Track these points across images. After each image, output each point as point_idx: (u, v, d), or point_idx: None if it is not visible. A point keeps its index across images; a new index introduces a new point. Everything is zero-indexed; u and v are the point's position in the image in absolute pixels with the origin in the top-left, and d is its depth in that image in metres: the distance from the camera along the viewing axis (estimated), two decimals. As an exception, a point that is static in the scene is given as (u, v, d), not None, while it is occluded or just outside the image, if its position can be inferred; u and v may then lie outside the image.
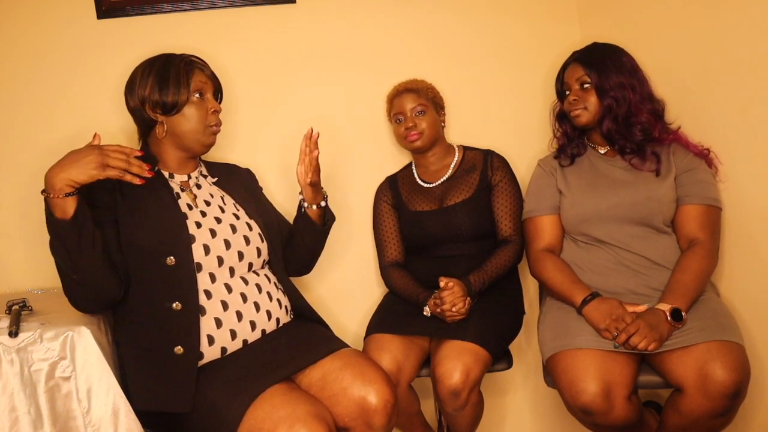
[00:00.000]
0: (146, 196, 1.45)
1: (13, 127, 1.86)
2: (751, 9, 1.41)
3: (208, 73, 1.56)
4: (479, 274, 1.72)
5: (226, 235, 1.49)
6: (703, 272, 1.50)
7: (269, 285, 1.57)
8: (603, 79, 1.61)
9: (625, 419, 1.41)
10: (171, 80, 1.48)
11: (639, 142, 1.61)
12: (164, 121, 1.50)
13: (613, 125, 1.62)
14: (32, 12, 1.86)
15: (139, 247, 1.40)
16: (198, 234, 1.45)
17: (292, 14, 1.98)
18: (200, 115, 1.51)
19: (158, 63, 1.51)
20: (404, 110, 1.84)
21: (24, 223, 1.86)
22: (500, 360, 1.69)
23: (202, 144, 1.54)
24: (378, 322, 1.76)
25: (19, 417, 1.21)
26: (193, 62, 1.54)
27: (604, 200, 1.62)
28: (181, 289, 1.40)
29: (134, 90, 1.50)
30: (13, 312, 1.32)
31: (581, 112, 1.65)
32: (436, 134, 1.86)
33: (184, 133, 1.51)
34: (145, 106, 1.49)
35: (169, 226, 1.43)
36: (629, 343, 1.41)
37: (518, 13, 2.06)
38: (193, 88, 1.50)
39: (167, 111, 1.49)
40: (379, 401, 1.37)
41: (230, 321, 1.44)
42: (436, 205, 1.85)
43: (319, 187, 1.65)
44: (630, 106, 1.60)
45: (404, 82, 1.90)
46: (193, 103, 1.50)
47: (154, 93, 1.48)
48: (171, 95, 1.48)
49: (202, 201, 1.54)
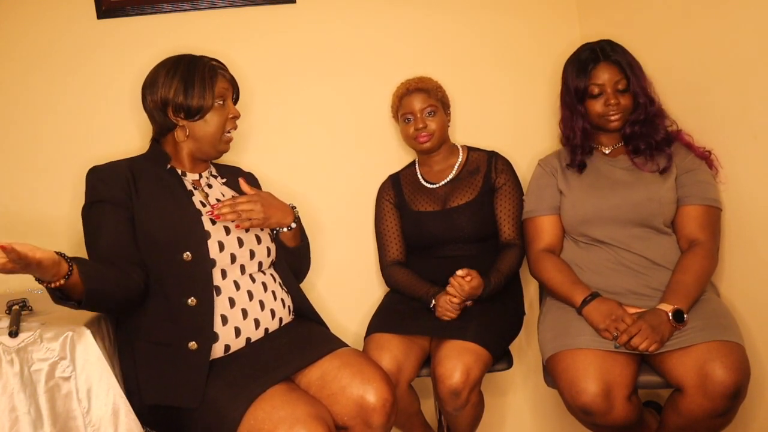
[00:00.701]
0: (160, 192, 1.46)
1: (13, 127, 1.86)
2: (751, 9, 1.41)
3: (228, 78, 1.56)
4: (496, 274, 1.72)
5: (239, 232, 1.50)
6: (703, 272, 1.50)
7: (274, 284, 1.57)
8: (636, 82, 1.60)
9: (625, 419, 1.41)
10: (196, 85, 1.47)
11: (660, 141, 1.60)
12: (186, 125, 1.50)
13: (638, 128, 1.61)
14: (32, 12, 1.86)
15: (156, 242, 1.41)
16: (213, 230, 1.45)
17: (292, 14, 1.98)
18: (220, 122, 1.51)
19: (182, 65, 1.50)
20: (414, 110, 1.81)
21: (24, 223, 1.86)
22: (500, 360, 1.69)
23: (217, 150, 1.55)
24: (378, 321, 1.76)
25: (19, 417, 1.21)
26: (215, 67, 1.53)
27: (605, 201, 1.62)
28: (196, 284, 1.40)
29: (156, 90, 1.48)
30: (13, 312, 1.32)
31: (619, 117, 1.62)
32: (444, 135, 1.86)
33: (202, 138, 1.51)
34: (168, 108, 1.48)
35: (185, 222, 1.43)
36: (630, 344, 1.41)
37: (518, 13, 2.06)
38: (217, 93, 1.50)
39: (191, 115, 1.48)
40: (377, 400, 1.37)
41: (236, 318, 1.44)
42: (438, 206, 1.85)
43: (280, 216, 1.57)
44: (654, 106, 1.61)
45: (413, 80, 1.87)
46: (216, 109, 1.50)
47: (178, 96, 1.47)
48: (196, 100, 1.47)
49: (215, 199, 1.55)
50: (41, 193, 1.87)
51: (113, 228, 1.40)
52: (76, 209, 1.83)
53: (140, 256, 1.41)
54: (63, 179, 1.86)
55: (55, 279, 1.17)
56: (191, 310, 1.39)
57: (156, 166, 1.51)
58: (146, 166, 1.50)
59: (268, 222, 1.51)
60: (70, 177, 1.85)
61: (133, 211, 1.42)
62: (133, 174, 1.45)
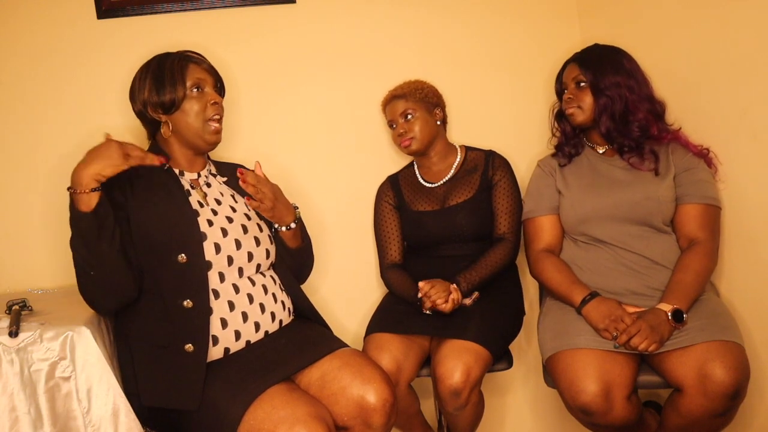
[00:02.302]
0: (157, 191, 1.46)
1: (13, 127, 1.86)
2: (751, 9, 1.41)
3: (205, 67, 1.56)
4: (468, 274, 1.72)
5: (237, 234, 1.49)
6: (703, 272, 1.50)
7: (274, 286, 1.57)
8: (598, 78, 1.62)
9: (624, 419, 1.41)
10: (166, 79, 1.49)
11: (637, 139, 1.62)
12: (168, 120, 1.51)
13: (611, 124, 1.63)
14: (32, 12, 1.86)
15: (151, 243, 1.41)
16: (209, 232, 1.45)
17: (292, 14, 1.98)
18: (199, 109, 1.51)
19: (153, 64, 1.52)
20: (394, 117, 1.86)
21: (24, 223, 1.86)
22: (500, 360, 1.69)
23: (203, 140, 1.53)
24: (378, 321, 1.76)
25: (19, 417, 1.21)
26: (187, 57, 1.54)
27: (604, 200, 1.62)
28: (192, 286, 1.40)
29: (135, 95, 1.52)
30: (13, 312, 1.32)
31: (575, 111, 1.67)
32: (431, 134, 1.86)
33: (185, 128, 1.51)
34: (147, 108, 1.51)
35: (181, 223, 1.43)
36: (630, 343, 1.41)
37: (518, 14, 2.06)
38: (190, 83, 1.50)
39: (167, 110, 1.50)
40: (377, 400, 1.37)
41: (236, 322, 1.44)
42: (437, 205, 1.85)
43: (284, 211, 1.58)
44: (627, 104, 1.61)
45: (394, 88, 1.90)
46: (192, 97, 1.50)
47: (152, 95, 1.49)
48: (168, 93, 1.48)
49: (213, 199, 1.54)
50: (41, 193, 1.87)
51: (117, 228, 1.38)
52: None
53: (137, 259, 1.40)
54: (63, 179, 1.85)
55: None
56: (187, 312, 1.38)
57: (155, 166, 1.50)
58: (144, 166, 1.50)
59: (272, 213, 1.51)
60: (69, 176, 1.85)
61: (129, 212, 1.42)
62: (129, 174, 1.44)
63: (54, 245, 1.86)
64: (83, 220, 1.31)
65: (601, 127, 1.64)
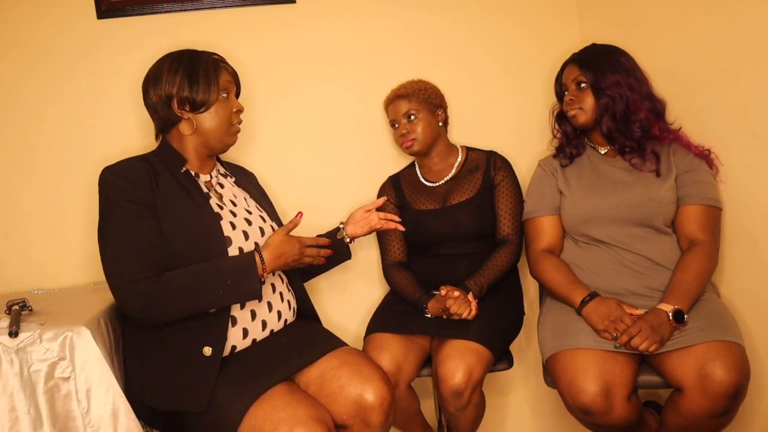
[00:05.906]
0: (179, 196, 1.44)
1: (12, 127, 1.86)
2: (751, 9, 1.41)
3: (231, 72, 1.57)
4: (477, 278, 1.72)
5: (256, 237, 1.49)
6: (704, 272, 1.50)
7: (282, 285, 1.57)
8: (599, 78, 1.62)
9: (624, 419, 1.41)
10: (201, 77, 1.48)
11: (638, 139, 1.62)
12: (192, 118, 1.49)
13: (612, 124, 1.62)
14: (32, 12, 1.86)
15: (176, 248, 1.38)
16: (233, 236, 1.44)
17: (292, 14, 1.98)
18: (226, 115, 1.52)
19: (184, 60, 1.50)
20: (397, 117, 1.85)
21: (24, 223, 1.86)
22: (501, 360, 1.69)
23: (224, 143, 1.55)
24: (378, 321, 1.76)
25: (19, 417, 1.21)
26: (217, 61, 1.54)
27: (605, 201, 1.62)
28: None
29: (160, 85, 1.48)
30: (13, 312, 1.32)
31: (577, 112, 1.67)
32: (433, 135, 1.86)
33: (209, 131, 1.50)
34: (172, 102, 1.48)
35: (206, 228, 1.42)
36: (630, 344, 1.41)
37: (518, 14, 2.06)
38: (222, 87, 1.51)
39: (196, 108, 1.49)
40: (375, 399, 1.37)
41: (244, 319, 1.44)
42: (439, 204, 1.85)
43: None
44: (628, 104, 1.61)
45: (397, 87, 1.90)
46: (221, 102, 1.51)
47: (183, 89, 1.47)
48: (201, 93, 1.47)
49: (229, 201, 1.54)
50: (40, 193, 1.87)
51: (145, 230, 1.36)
52: (74, 209, 1.85)
53: (162, 260, 1.37)
54: (62, 179, 1.87)
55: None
56: (210, 316, 1.38)
57: (171, 167, 1.48)
58: (161, 166, 1.48)
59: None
60: (69, 177, 1.86)
61: (158, 213, 1.39)
62: (154, 173, 1.43)
63: (54, 245, 1.86)
64: (257, 285, 1.37)
65: (603, 127, 1.64)
